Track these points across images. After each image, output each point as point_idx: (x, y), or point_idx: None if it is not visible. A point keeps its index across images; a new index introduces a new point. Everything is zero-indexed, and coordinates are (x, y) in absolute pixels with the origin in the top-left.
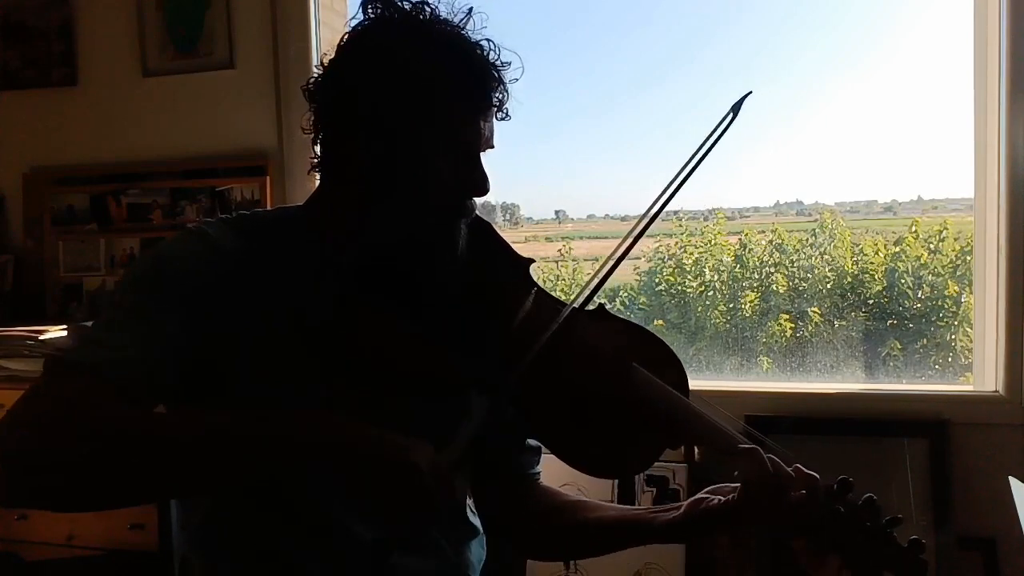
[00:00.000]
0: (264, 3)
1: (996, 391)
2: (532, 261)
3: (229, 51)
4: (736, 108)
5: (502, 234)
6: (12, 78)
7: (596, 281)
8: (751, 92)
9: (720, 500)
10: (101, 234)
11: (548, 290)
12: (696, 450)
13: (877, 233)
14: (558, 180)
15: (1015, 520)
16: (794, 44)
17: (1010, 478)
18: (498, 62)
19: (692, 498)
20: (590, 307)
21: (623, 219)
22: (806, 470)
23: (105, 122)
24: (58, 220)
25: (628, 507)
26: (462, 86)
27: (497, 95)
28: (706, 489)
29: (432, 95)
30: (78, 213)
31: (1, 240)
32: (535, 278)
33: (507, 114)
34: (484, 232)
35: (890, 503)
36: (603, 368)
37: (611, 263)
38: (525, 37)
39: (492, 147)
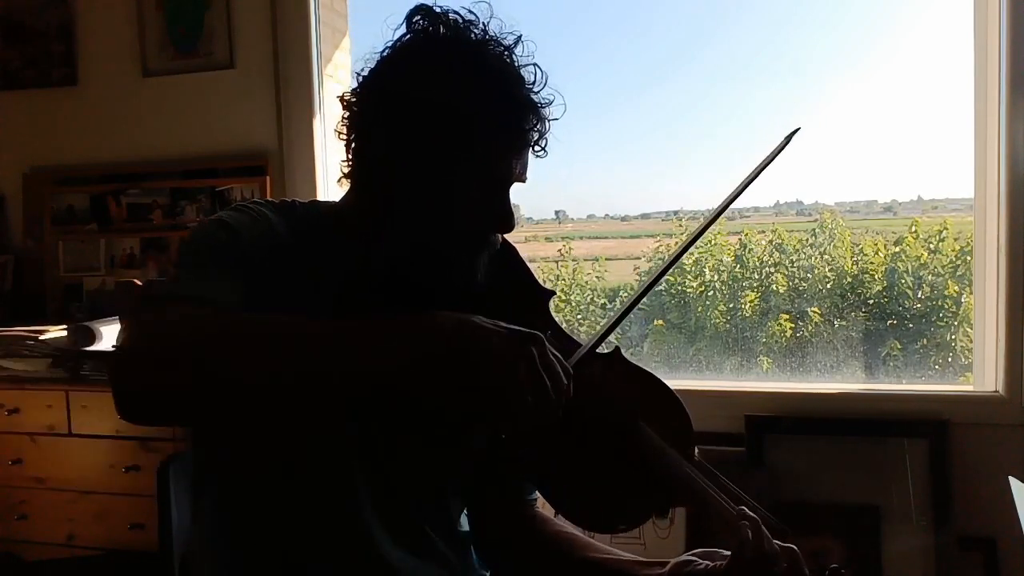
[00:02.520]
0: (264, 3)
1: (996, 391)
2: (553, 293)
3: (229, 51)
4: (788, 139)
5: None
6: (12, 78)
7: (610, 324)
8: (799, 128)
9: (707, 566)
10: (101, 234)
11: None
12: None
13: (877, 233)
14: (558, 180)
15: (1015, 520)
16: (794, 44)
17: (1010, 478)
18: (541, 97)
19: (679, 558)
20: (605, 349)
21: (623, 219)
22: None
23: (105, 122)
24: (58, 220)
25: (617, 554)
26: (501, 123)
27: (536, 132)
28: (694, 551)
29: (470, 128)
30: (78, 213)
31: (1, 240)
32: (542, 282)
33: (544, 149)
34: (507, 255)
35: (890, 503)
36: (609, 422)
37: (632, 301)
38: (525, 37)
39: (523, 181)
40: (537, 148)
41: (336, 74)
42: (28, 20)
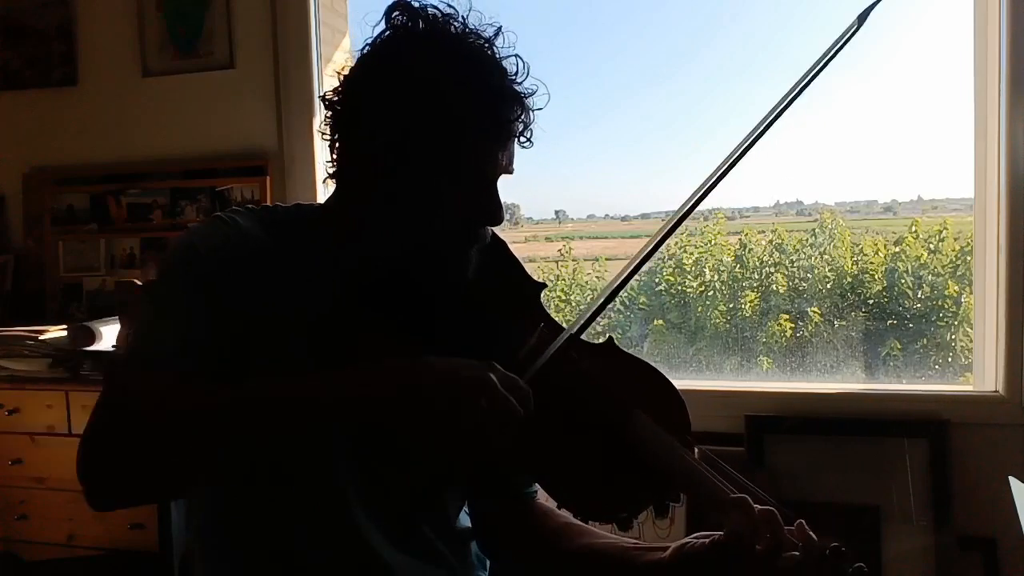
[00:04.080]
0: (264, 3)
1: (996, 391)
2: (544, 286)
3: (229, 51)
4: (862, 18)
5: (502, 234)
6: (12, 78)
7: (603, 298)
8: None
9: (705, 543)
10: (101, 234)
11: (548, 290)
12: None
13: (877, 233)
14: (558, 180)
15: (1015, 520)
16: (794, 44)
17: (1010, 478)
18: (524, 89)
19: (678, 542)
20: (599, 341)
21: (623, 219)
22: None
23: (105, 122)
24: (58, 220)
25: (618, 538)
26: (485, 115)
27: (520, 123)
28: (693, 535)
29: (453, 121)
30: (78, 213)
31: (1, 240)
32: (538, 279)
33: (530, 140)
34: (498, 250)
35: (890, 503)
36: (602, 411)
37: (637, 262)
38: (526, 38)
39: (510, 173)
40: (522, 139)
41: (336, 74)
42: (28, 20)
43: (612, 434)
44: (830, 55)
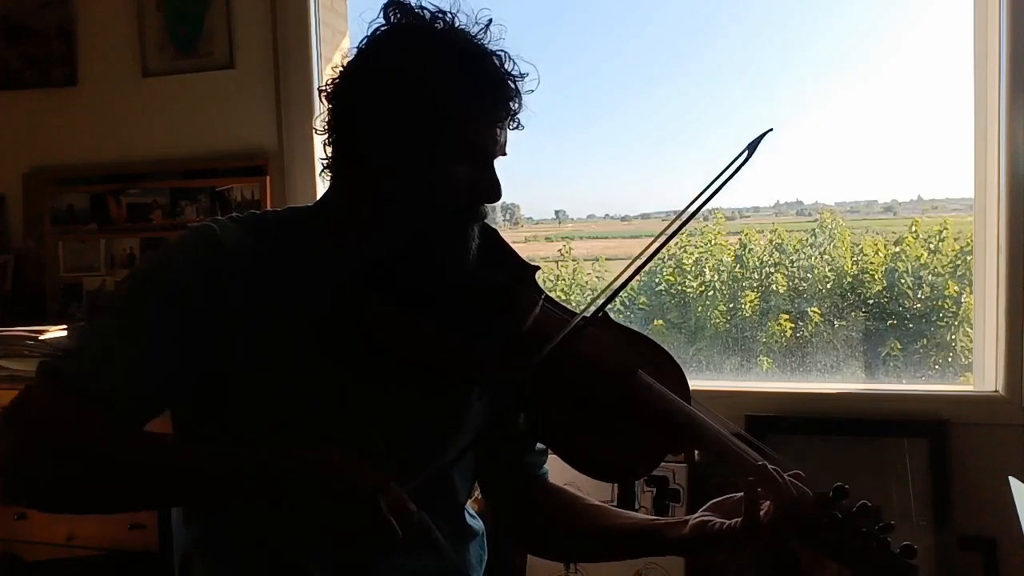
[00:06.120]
0: (264, 3)
1: (996, 391)
2: (538, 268)
3: (229, 51)
4: (752, 147)
5: (502, 234)
6: (12, 78)
7: (608, 293)
8: (771, 129)
9: (724, 525)
10: (101, 234)
11: (548, 290)
12: (696, 452)
13: (877, 233)
14: (558, 180)
15: (1015, 520)
16: (794, 44)
17: (1010, 478)
18: (515, 72)
19: (697, 518)
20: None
21: (623, 219)
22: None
23: (105, 122)
24: (58, 220)
25: (636, 517)
26: (479, 93)
27: (513, 104)
28: (711, 502)
29: (449, 101)
30: (78, 213)
31: (1, 240)
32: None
33: (520, 124)
34: (490, 237)
35: (890, 503)
36: (609, 374)
37: (622, 279)
38: (526, 38)
39: (504, 155)
40: (512, 123)
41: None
42: (28, 20)
43: (621, 396)
44: (720, 181)
